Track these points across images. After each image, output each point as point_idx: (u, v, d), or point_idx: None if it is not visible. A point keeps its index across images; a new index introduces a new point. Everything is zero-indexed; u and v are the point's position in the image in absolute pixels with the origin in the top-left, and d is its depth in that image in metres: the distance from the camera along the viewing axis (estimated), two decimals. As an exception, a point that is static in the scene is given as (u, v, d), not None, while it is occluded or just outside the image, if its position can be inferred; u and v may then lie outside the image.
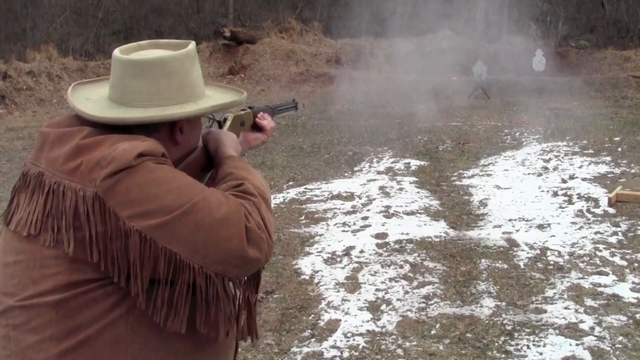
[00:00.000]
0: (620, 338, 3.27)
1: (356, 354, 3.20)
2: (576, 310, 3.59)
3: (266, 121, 1.71)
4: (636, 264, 4.26)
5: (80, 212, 1.15)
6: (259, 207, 1.26)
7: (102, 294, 1.17)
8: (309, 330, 3.46)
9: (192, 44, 1.37)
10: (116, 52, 1.33)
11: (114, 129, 1.26)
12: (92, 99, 1.34)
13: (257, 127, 1.71)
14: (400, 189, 6.38)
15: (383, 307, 3.72)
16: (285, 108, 2.00)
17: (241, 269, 1.21)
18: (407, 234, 4.98)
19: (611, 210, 5.44)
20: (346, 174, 7.18)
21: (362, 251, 4.63)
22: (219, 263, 1.18)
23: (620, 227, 5.02)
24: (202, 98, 1.37)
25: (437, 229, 5.10)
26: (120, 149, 1.16)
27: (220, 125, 1.57)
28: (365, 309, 3.70)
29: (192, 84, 1.34)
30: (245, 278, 1.30)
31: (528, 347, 3.21)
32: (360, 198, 6.08)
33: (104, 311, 1.17)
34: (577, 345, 3.21)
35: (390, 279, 4.12)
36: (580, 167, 7.07)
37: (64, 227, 1.16)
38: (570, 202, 5.78)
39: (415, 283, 4.06)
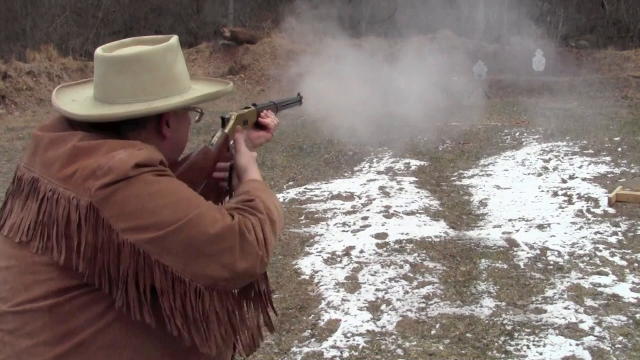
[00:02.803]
0: (620, 338, 3.27)
1: (356, 354, 3.20)
2: (576, 310, 3.59)
3: (269, 119, 1.69)
4: (636, 264, 4.26)
5: (72, 220, 1.14)
6: (263, 224, 1.25)
7: (95, 298, 1.17)
8: (309, 330, 3.45)
9: (173, 38, 1.36)
10: (98, 51, 1.32)
11: (105, 130, 1.25)
12: (78, 100, 1.33)
13: (260, 125, 1.69)
14: (400, 189, 6.38)
15: (383, 307, 3.72)
16: (289, 103, 1.96)
17: (230, 282, 1.21)
18: (407, 234, 4.98)
19: (611, 210, 5.44)
20: (346, 174, 7.18)
21: (362, 251, 4.63)
22: (208, 277, 1.17)
23: (620, 227, 5.02)
24: (187, 91, 1.36)
25: (437, 229, 5.10)
26: (116, 158, 1.15)
27: (223, 123, 1.54)
28: (365, 309, 3.70)
29: (175, 78, 1.33)
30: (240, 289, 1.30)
31: (528, 347, 3.21)
32: (360, 198, 6.08)
33: (98, 315, 1.17)
34: (577, 345, 3.21)
35: (390, 279, 4.12)
36: (580, 167, 7.06)
37: (55, 234, 1.16)
38: (570, 202, 5.78)
39: (415, 283, 4.06)
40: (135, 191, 1.14)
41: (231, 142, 1.53)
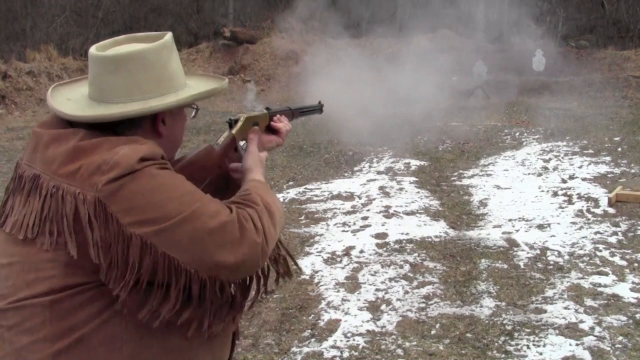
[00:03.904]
0: (620, 338, 3.27)
1: (356, 354, 3.20)
2: (576, 310, 3.59)
3: (282, 124, 1.68)
4: (636, 264, 4.26)
5: (80, 216, 1.15)
6: (260, 214, 1.26)
7: (97, 294, 1.17)
8: (309, 330, 3.46)
9: (168, 35, 1.35)
10: (92, 50, 1.31)
11: (105, 129, 1.25)
12: (73, 99, 1.33)
13: (272, 129, 1.68)
14: (400, 189, 6.38)
15: (383, 307, 3.72)
16: (308, 110, 1.92)
17: (233, 271, 1.22)
18: (407, 234, 4.98)
19: (611, 210, 5.43)
20: (346, 174, 7.18)
21: (362, 251, 4.63)
22: (212, 268, 1.19)
23: (620, 227, 5.02)
24: (183, 88, 1.35)
25: (437, 229, 5.10)
26: (121, 153, 1.16)
27: (231, 125, 1.54)
28: (365, 309, 3.70)
29: (170, 76, 1.33)
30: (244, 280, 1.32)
31: (528, 347, 3.21)
32: (360, 198, 6.08)
33: (99, 311, 1.17)
34: (577, 345, 3.21)
35: (390, 279, 4.12)
36: (580, 167, 7.06)
37: (66, 230, 1.16)
38: (570, 202, 5.78)
39: (415, 283, 4.06)
40: (141, 185, 1.15)
41: (240, 143, 1.53)
